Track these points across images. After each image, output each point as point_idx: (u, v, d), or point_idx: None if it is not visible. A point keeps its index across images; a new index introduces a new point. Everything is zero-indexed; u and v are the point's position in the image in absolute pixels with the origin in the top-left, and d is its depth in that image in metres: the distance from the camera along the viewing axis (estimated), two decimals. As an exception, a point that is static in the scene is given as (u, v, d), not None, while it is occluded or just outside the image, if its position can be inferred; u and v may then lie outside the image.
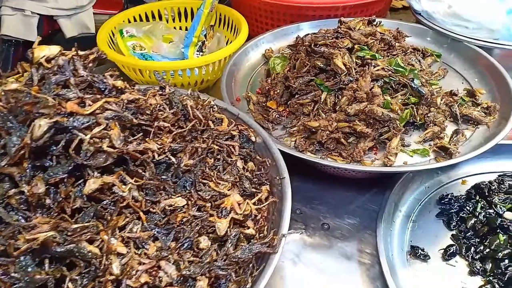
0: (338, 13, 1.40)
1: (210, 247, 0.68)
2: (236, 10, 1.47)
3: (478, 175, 1.05)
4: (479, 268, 0.86)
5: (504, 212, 0.93)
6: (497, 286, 0.83)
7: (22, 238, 0.56)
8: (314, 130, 0.98)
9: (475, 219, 0.94)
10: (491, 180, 1.01)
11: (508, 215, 0.92)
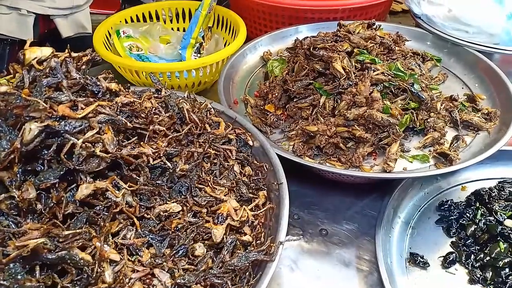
0: (337, 15, 1.40)
1: (206, 254, 0.67)
2: (234, 11, 1.46)
3: (478, 181, 1.04)
4: (479, 276, 0.85)
5: (504, 219, 0.92)
6: (497, 295, 0.82)
7: (12, 244, 0.55)
8: (312, 135, 0.97)
9: (475, 226, 0.93)
10: (491, 186, 1.00)
11: (508, 222, 0.91)
